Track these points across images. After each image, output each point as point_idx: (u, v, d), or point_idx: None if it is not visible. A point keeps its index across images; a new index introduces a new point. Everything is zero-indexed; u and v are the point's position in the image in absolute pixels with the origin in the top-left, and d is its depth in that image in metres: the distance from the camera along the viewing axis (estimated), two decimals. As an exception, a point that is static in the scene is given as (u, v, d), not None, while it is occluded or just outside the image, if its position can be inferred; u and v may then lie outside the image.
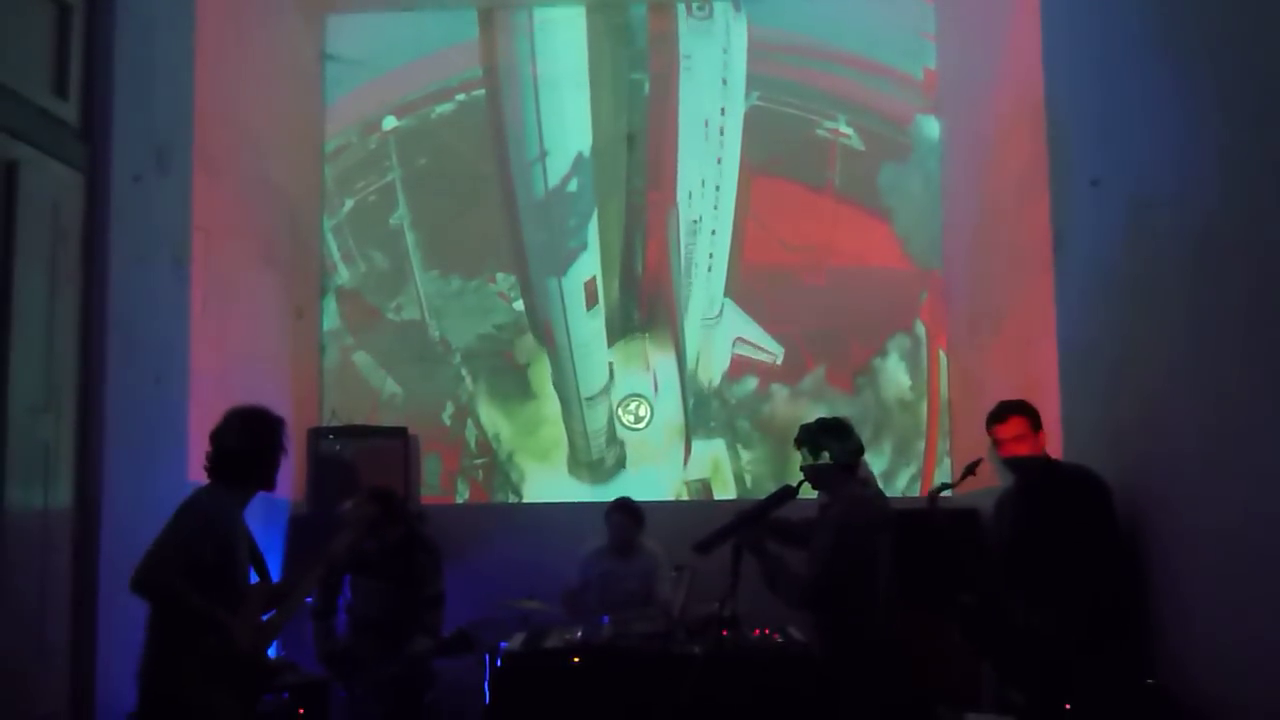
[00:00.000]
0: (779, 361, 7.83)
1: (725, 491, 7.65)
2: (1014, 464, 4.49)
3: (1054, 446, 4.88)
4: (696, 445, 7.73)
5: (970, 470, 4.53)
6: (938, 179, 7.85)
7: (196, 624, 3.63)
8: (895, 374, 7.79)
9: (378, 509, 5.32)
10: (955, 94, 7.67)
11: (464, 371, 7.79)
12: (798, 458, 4.61)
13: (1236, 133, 3.86)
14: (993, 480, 4.77)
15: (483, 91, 8.00)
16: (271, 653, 5.81)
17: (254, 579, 4.02)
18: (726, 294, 7.91)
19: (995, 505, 4.65)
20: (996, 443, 4.57)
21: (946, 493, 4.67)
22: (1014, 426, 4.50)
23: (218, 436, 3.90)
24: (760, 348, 7.85)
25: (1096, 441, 4.48)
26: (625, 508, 6.41)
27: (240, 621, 3.73)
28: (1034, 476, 4.48)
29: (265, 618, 3.93)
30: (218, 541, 3.74)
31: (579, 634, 5.37)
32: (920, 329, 7.81)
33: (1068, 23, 5.37)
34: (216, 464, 3.88)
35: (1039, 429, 4.52)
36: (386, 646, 5.32)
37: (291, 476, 7.03)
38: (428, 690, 5.48)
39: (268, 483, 3.96)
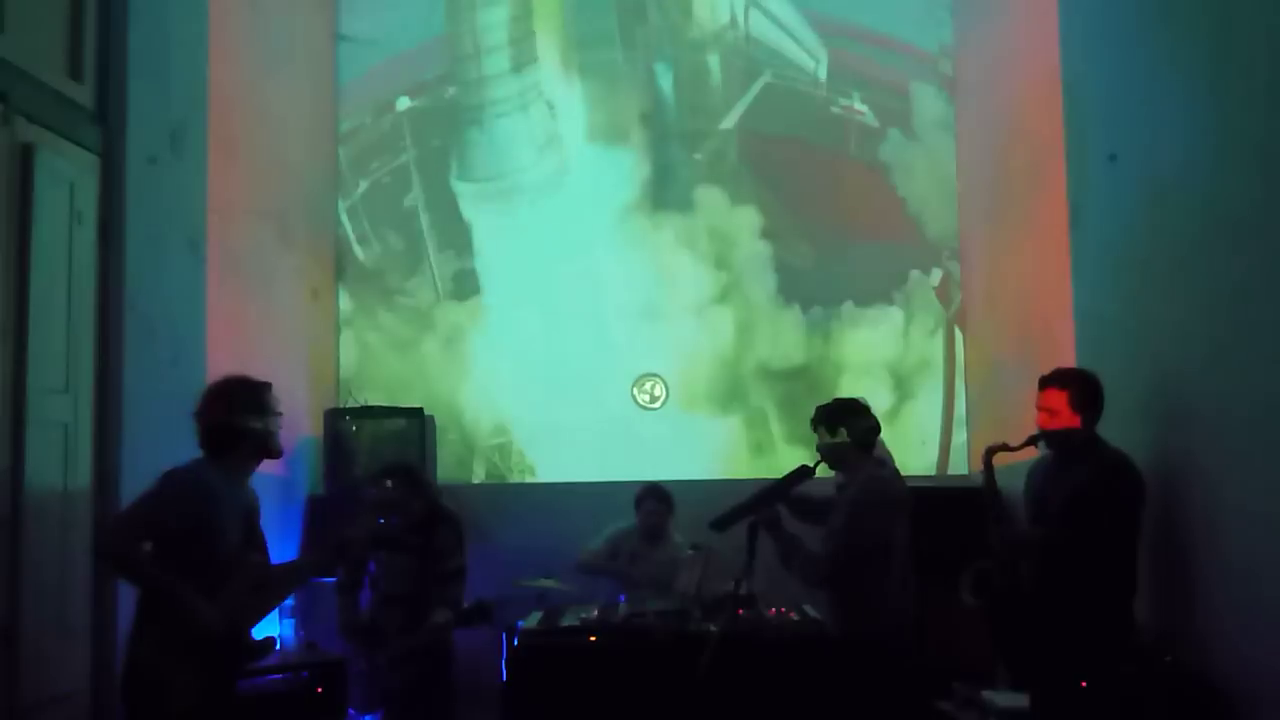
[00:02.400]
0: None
1: (744, 470, 7.66)
2: (1048, 437, 4.41)
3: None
4: (715, 423, 7.73)
5: (1034, 440, 4.43)
6: (953, 155, 7.82)
7: (159, 594, 3.58)
8: (912, 348, 7.78)
9: (400, 494, 5.34)
10: (972, 69, 7.63)
11: (480, 351, 7.80)
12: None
13: (1254, 106, 3.83)
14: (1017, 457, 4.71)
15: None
16: (291, 631, 5.87)
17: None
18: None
19: (1027, 475, 4.61)
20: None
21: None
22: (1048, 398, 4.37)
23: (198, 411, 3.83)
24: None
25: (1113, 417, 4.45)
26: (657, 493, 6.37)
27: (223, 598, 3.64)
28: (1063, 451, 4.40)
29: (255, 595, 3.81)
30: (190, 511, 3.63)
31: (595, 613, 5.39)
32: (936, 305, 7.79)
33: (1084, -3, 5.34)
34: (203, 437, 3.80)
35: (1081, 407, 4.30)
36: (409, 619, 5.34)
37: (309, 458, 7.07)
38: (450, 662, 5.51)
39: (264, 450, 3.85)
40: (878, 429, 4.70)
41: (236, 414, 3.79)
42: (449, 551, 5.44)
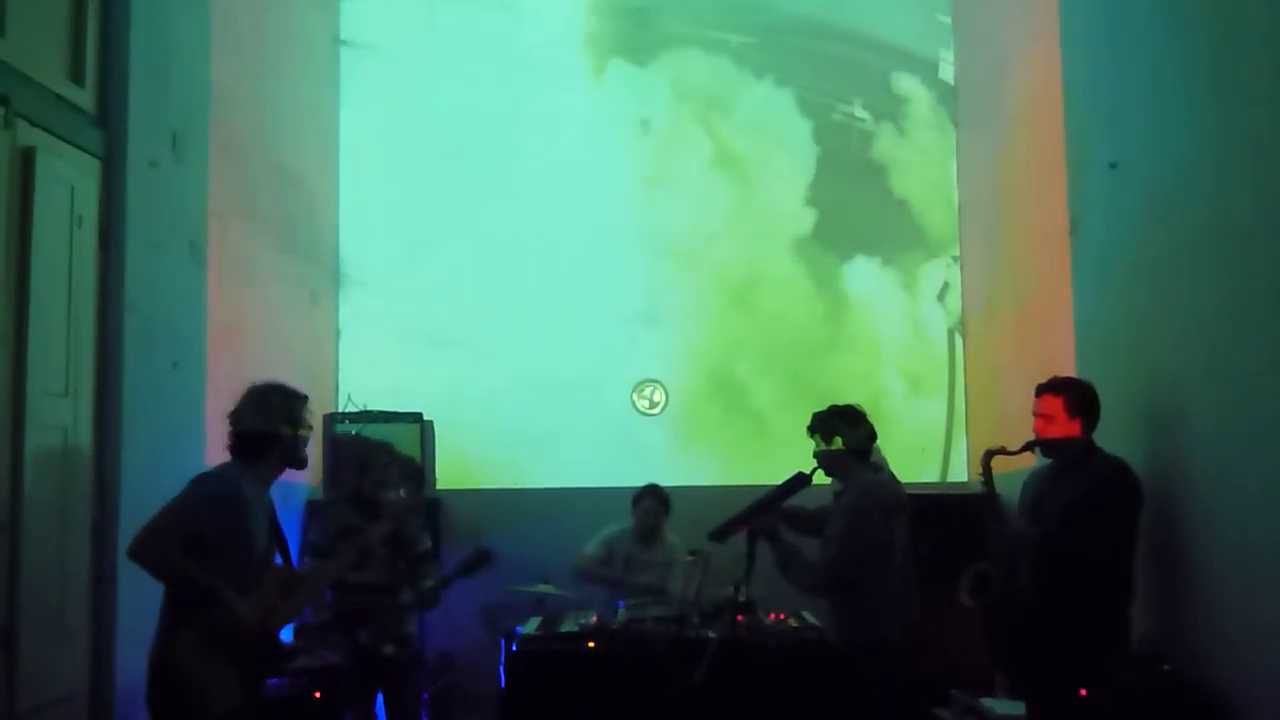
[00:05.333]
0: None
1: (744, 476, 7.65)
2: (1045, 443, 4.41)
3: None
4: (715, 428, 7.72)
5: (1031, 445, 4.43)
6: (954, 163, 7.83)
7: (196, 596, 3.60)
8: (912, 355, 7.79)
9: (422, 502, 5.33)
10: (972, 77, 7.64)
11: (480, 356, 7.79)
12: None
13: (1254, 115, 3.83)
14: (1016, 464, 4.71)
15: (497, 74, 8.00)
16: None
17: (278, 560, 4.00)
18: None
19: (1023, 483, 4.61)
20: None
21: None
22: (1044, 404, 4.38)
23: (234, 414, 3.90)
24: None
25: (1112, 424, 4.45)
26: (655, 493, 6.39)
27: (253, 600, 3.70)
28: (1060, 458, 4.40)
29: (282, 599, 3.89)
30: (223, 517, 3.69)
31: (594, 619, 5.39)
32: (937, 311, 7.79)
33: (1085, 5, 5.34)
34: (233, 441, 3.88)
35: (1077, 414, 4.32)
36: (383, 606, 5.29)
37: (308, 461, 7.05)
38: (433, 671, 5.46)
39: (290, 460, 3.92)
40: (873, 436, 4.70)
41: (273, 422, 3.86)
42: (416, 537, 5.41)
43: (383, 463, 5.28)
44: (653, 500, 6.37)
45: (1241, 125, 3.91)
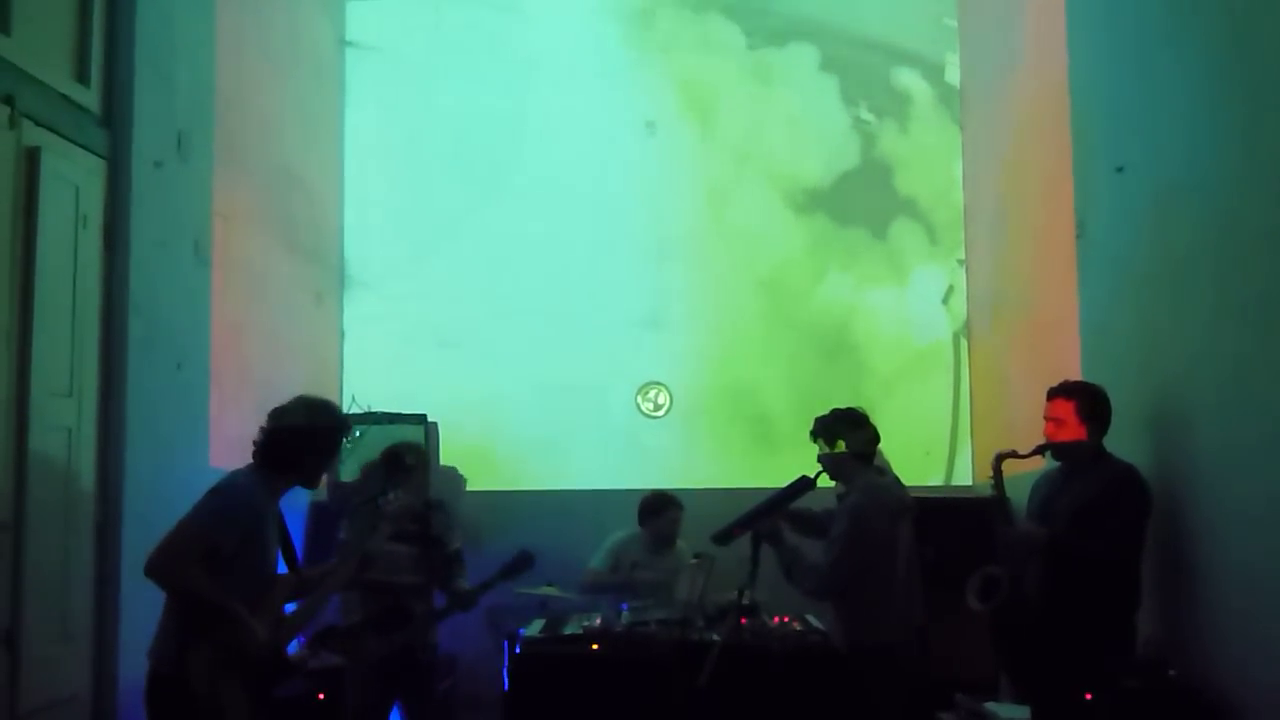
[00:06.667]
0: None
1: (749, 479, 7.64)
2: (1056, 447, 4.41)
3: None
4: (719, 431, 7.71)
5: (1042, 449, 4.43)
6: (960, 166, 7.82)
7: (211, 612, 3.50)
8: (917, 359, 7.77)
9: (419, 501, 5.28)
10: (978, 80, 7.63)
11: (484, 357, 7.78)
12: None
13: (1261, 119, 3.82)
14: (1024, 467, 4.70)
15: (502, 76, 8.00)
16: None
17: (282, 569, 3.94)
18: None
19: (1032, 486, 4.60)
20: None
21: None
22: (1055, 408, 4.38)
23: (277, 416, 3.75)
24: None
25: (1119, 429, 4.44)
26: (677, 502, 6.26)
27: (261, 614, 3.62)
28: (1070, 463, 4.40)
29: (289, 610, 3.85)
30: (243, 530, 3.59)
31: (598, 621, 5.37)
32: (942, 315, 7.78)
33: (1092, 9, 5.33)
34: (265, 446, 3.73)
35: (1088, 418, 4.33)
36: (415, 606, 5.25)
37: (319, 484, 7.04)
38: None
39: (309, 479, 3.83)
40: (877, 439, 4.69)
41: (313, 437, 3.75)
42: (446, 536, 5.37)
43: (409, 464, 5.23)
44: (677, 510, 6.28)
45: (1247, 127, 3.90)
